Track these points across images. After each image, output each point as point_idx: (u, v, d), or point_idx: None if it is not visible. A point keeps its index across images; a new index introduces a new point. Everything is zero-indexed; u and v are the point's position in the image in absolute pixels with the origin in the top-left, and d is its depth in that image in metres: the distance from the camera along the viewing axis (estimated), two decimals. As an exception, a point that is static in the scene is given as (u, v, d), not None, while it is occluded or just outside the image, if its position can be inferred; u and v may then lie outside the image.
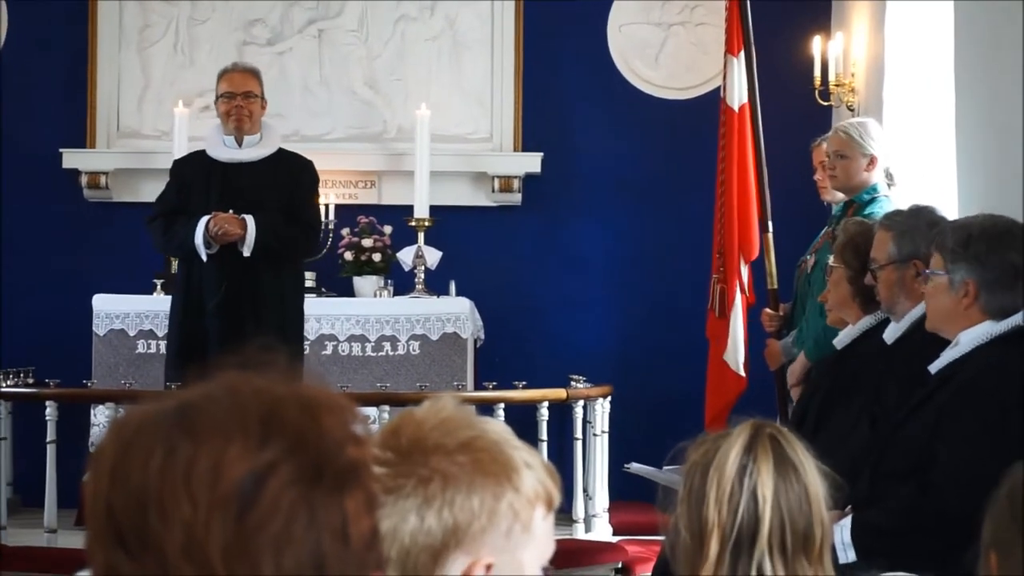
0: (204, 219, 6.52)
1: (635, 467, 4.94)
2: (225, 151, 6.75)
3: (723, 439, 2.21)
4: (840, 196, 6.08)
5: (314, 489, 1.23)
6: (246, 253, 6.53)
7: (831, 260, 4.98)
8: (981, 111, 5.53)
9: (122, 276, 8.27)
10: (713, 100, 8.07)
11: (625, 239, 8.67)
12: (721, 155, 7.01)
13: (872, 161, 5.72)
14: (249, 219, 6.54)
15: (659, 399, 8.39)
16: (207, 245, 6.53)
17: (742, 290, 6.85)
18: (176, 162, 7.03)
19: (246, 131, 6.73)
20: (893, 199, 5.68)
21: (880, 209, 5.45)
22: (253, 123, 6.76)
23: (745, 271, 6.87)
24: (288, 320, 6.67)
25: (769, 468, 2.16)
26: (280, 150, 6.84)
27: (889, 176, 5.81)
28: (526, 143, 8.68)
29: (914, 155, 6.91)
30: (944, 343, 3.97)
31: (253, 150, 6.75)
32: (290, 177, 6.74)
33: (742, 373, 6.85)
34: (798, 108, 8.07)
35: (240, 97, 6.71)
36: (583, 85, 8.73)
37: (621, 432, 7.75)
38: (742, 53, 6.88)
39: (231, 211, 6.55)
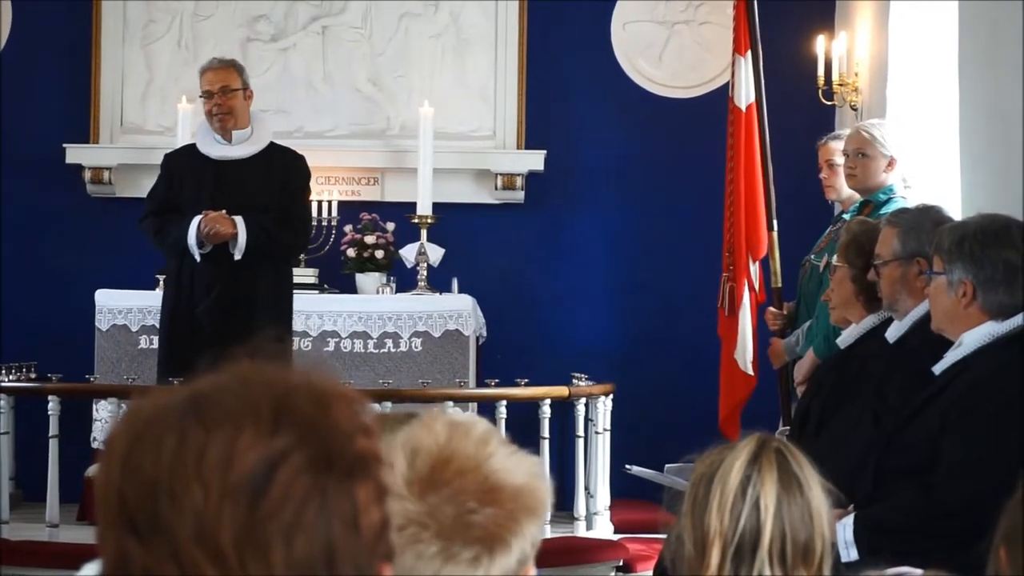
0: (197, 219, 6.50)
1: (635, 470, 4.94)
2: (216, 147, 6.72)
3: (728, 451, 2.24)
4: (846, 195, 6.09)
5: (325, 477, 1.23)
6: (237, 256, 6.50)
7: (835, 259, 4.98)
8: (984, 110, 5.53)
9: (125, 271, 8.28)
10: (716, 99, 8.09)
11: (627, 237, 8.68)
12: (729, 154, 7.02)
13: (891, 162, 5.72)
14: (239, 221, 6.51)
15: (661, 397, 8.40)
16: (199, 245, 6.51)
17: (751, 288, 6.86)
18: (166, 156, 6.97)
19: (230, 127, 6.70)
20: (909, 201, 5.67)
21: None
22: (237, 117, 6.70)
23: (755, 269, 6.87)
24: (280, 318, 6.64)
25: (773, 480, 2.18)
26: (271, 144, 6.81)
27: (904, 179, 5.82)
28: (529, 141, 8.68)
29: (917, 154, 6.91)
30: (947, 341, 3.97)
31: (244, 147, 6.71)
32: (282, 172, 6.70)
33: (750, 372, 6.85)
34: (802, 107, 8.08)
35: (217, 94, 6.68)
36: (586, 83, 8.73)
37: (623, 430, 7.76)
38: (749, 53, 6.89)
39: (223, 210, 6.52)
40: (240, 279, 6.53)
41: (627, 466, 5.33)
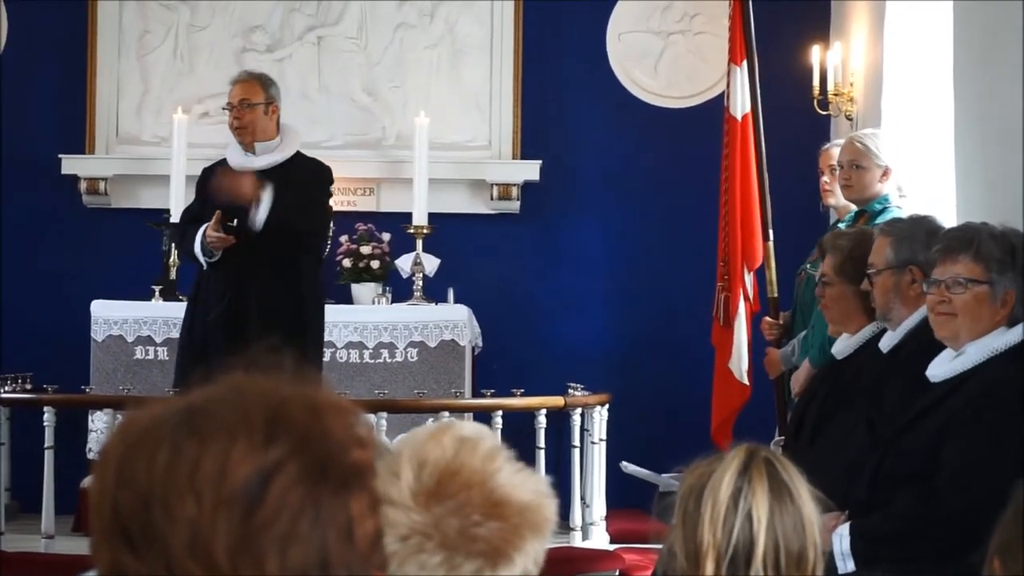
0: (202, 227, 6.50)
1: (631, 468, 4.95)
2: (241, 158, 6.72)
3: (717, 463, 2.23)
4: (843, 203, 6.08)
5: (320, 488, 1.23)
6: (257, 228, 6.39)
7: (829, 274, 4.94)
8: (980, 120, 5.53)
9: (120, 282, 8.26)
10: (711, 109, 8.09)
11: (623, 247, 8.67)
12: (724, 164, 7.01)
13: (886, 172, 5.72)
14: (267, 193, 6.38)
15: (657, 407, 8.39)
16: (208, 254, 6.51)
17: (746, 298, 6.85)
18: (203, 170, 6.98)
19: (247, 140, 6.72)
20: (904, 211, 5.66)
21: None
22: (255, 131, 6.69)
23: (749, 279, 6.86)
24: (305, 327, 6.58)
25: (764, 491, 2.18)
26: (298, 154, 6.77)
27: (899, 188, 5.82)
28: (525, 151, 8.68)
29: (913, 164, 6.91)
30: (942, 348, 3.97)
31: (266, 157, 6.66)
32: (303, 181, 6.66)
33: (746, 382, 6.85)
34: (797, 117, 8.07)
35: (236, 108, 6.71)
36: (582, 93, 8.74)
37: (619, 440, 7.75)
38: (745, 63, 6.88)
39: (234, 220, 6.48)
40: (245, 288, 6.49)
41: (623, 463, 5.33)
